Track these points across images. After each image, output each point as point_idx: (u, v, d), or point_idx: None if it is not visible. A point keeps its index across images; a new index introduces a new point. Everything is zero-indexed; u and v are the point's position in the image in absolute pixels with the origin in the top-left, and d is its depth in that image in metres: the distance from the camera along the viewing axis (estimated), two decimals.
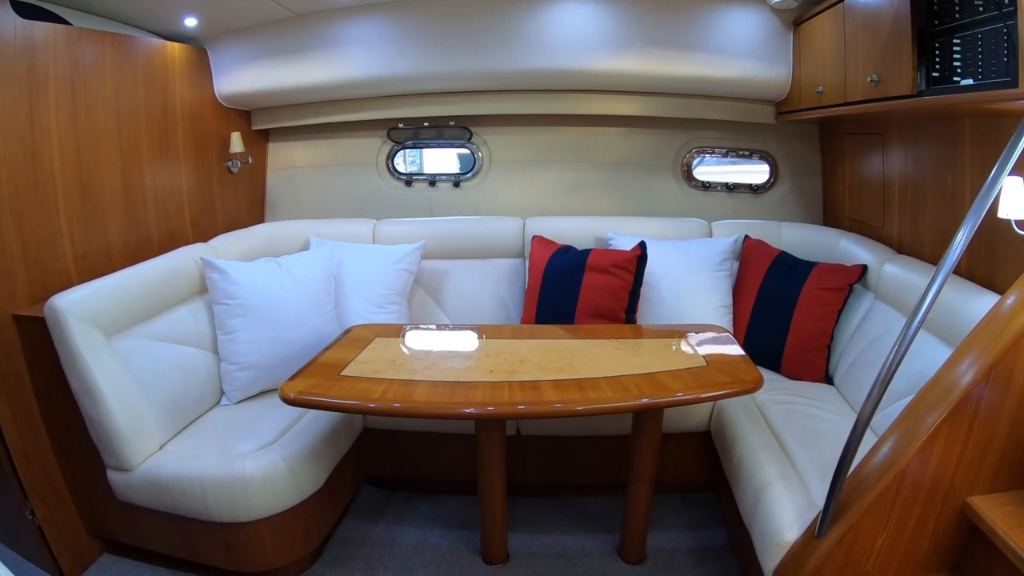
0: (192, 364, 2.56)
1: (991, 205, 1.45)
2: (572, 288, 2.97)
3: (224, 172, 3.32)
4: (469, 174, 3.69)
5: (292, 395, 2.07)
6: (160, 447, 2.34)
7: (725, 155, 3.56)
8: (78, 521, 2.48)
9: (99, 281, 2.26)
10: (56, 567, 2.39)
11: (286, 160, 3.71)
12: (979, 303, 1.95)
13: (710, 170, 3.68)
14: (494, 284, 3.38)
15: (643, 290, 2.98)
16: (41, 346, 2.14)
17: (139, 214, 2.71)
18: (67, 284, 2.20)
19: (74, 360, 2.09)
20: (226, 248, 2.93)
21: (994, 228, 2.00)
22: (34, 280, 2.22)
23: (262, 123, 3.54)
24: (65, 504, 2.43)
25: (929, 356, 2.04)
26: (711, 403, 2.69)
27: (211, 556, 2.37)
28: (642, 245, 2.92)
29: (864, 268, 2.72)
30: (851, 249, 2.88)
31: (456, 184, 3.70)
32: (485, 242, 3.42)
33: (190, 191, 3.04)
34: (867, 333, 2.58)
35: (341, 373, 2.21)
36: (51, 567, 2.39)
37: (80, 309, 2.10)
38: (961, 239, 1.44)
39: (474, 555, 2.61)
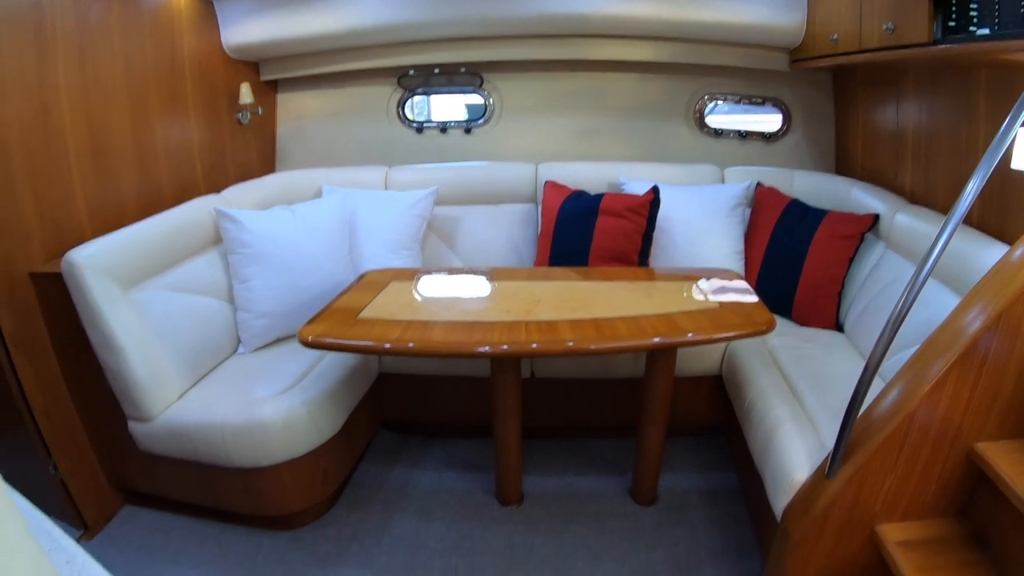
0: (209, 313, 2.58)
1: (1004, 156, 1.43)
2: (585, 232, 2.97)
3: (234, 124, 3.31)
4: (480, 120, 3.66)
5: (310, 338, 2.09)
6: (180, 396, 2.38)
7: (738, 102, 3.51)
8: (100, 474, 2.54)
9: (114, 235, 2.27)
10: (80, 520, 2.46)
11: (296, 110, 3.69)
12: (990, 253, 1.94)
13: (723, 118, 3.64)
14: (507, 229, 3.38)
15: (656, 235, 2.98)
16: (59, 302, 2.16)
17: (151, 168, 2.72)
18: (82, 240, 2.20)
19: (92, 313, 2.11)
20: (239, 198, 2.93)
21: (1007, 179, 1.99)
22: (49, 238, 2.24)
23: (271, 74, 3.51)
24: (87, 457, 2.48)
25: (938, 305, 2.04)
26: (723, 347, 2.72)
27: (232, 502, 2.43)
28: (655, 189, 2.92)
29: (876, 217, 2.70)
30: (863, 198, 2.86)
31: (467, 131, 3.68)
32: (497, 188, 3.42)
33: (201, 144, 3.04)
34: (878, 281, 2.58)
35: (358, 316, 2.23)
36: (75, 520, 2.45)
37: (96, 263, 2.11)
38: (972, 188, 1.43)
39: (489, 496, 2.67)
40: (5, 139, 2.05)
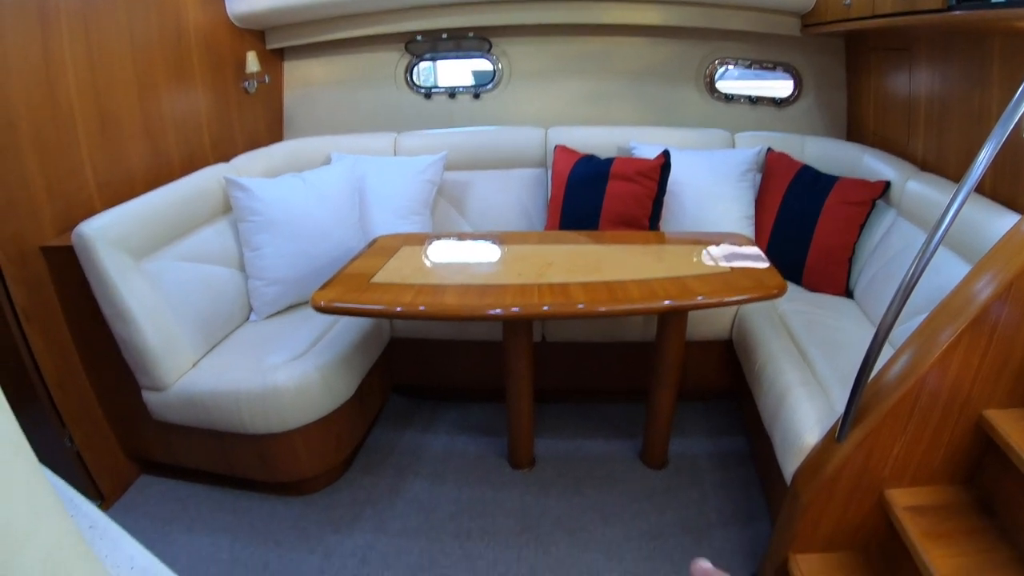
0: (220, 282, 2.59)
1: (1017, 124, 1.41)
2: (596, 196, 2.95)
3: (241, 93, 3.29)
4: (489, 85, 3.63)
5: (323, 303, 2.09)
6: (193, 365, 2.40)
7: (749, 67, 3.46)
8: (115, 444, 2.57)
9: (124, 206, 2.27)
10: (96, 491, 2.48)
11: (303, 78, 3.66)
12: (1001, 222, 1.92)
13: (733, 83, 3.60)
14: (516, 194, 3.37)
15: (666, 199, 2.96)
16: (70, 275, 2.17)
17: (159, 140, 2.71)
18: (91, 213, 2.20)
19: (104, 285, 2.12)
20: (248, 167, 2.92)
21: (1020, 148, 1.95)
22: (59, 212, 2.24)
23: (277, 42, 3.47)
24: (102, 429, 2.51)
25: (949, 272, 2.03)
26: (733, 311, 2.72)
27: (246, 469, 2.46)
28: (666, 153, 2.89)
29: (887, 184, 2.68)
30: (874, 165, 2.83)
31: (476, 96, 3.65)
32: (507, 152, 3.39)
33: (208, 114, 3.02)
34: (888, 248, 2.57)
35: (371, 281, 2.23)
36: (91, 491, 2.48)
37: (107, 234, 2.11)
38: (985, 156, 1.40)
39: (501, 459, 2.69)
40: (12, 115, 2.04)
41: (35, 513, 0.61)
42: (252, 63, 3.22)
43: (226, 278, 2.63)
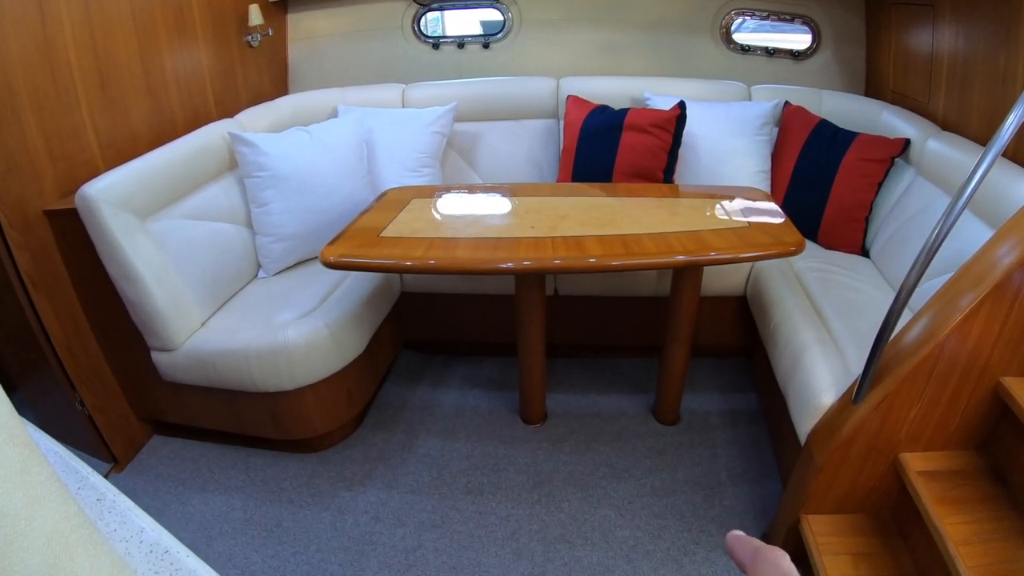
0: (227, 239, 2.56)
1: None
2: (609, 148, 2.90)
3: (244, 47, 3.21)
4: (499, 34, 3.54)
5: (332, 258, 2.05)
6: (202, 324, 2.39)
7: (766, 18, 3.36)
8: (126, 406, 2.58)
9: (127, 166, 2.23)
10: (109, 453, 2.50)
11: (307, 30, 3.57)
12: None
13: (750, 35, 3.50)
14: (528, 145, 3.31)
15: (681, 151, 2.90)
16: (75, 238, 2.14)
17: (161, 97, 2.65)
18: (95, 174, 2.16)
19: (110, 246, 2.09)
20: (253, 122, 2.87)
21: None
22: (61, 174, 2.20)
23: None
24: (112, 391, 2.51)
25: (969, 235, 1.99)
26: (748, 267, 2.68)
27: (258, 427, 2.47)
28: (681, 105, 2.82)
29: (907, 142, 2.60)
30: (893, 122, 2.75)
31: (486, 45, 3.56)
32: (518, 103, 3.32)
33: (211, 69, 2.95)
34: (906, 208, 2.51)
35: (380, 235, 2.19)
36: (103, 454, 2.50)
37: (111, 195, 2.08)
38: (1013, 120, 1.33)
39: (513, 415, 2.70)
40: (10, 77, 1.99)
41: (33, 499, 0.60)
42: (255, 16, 3.13)
43: (233, 235, 2.60)
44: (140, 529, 0.86)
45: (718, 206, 2.39)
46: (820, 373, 1.93)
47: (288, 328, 2.26)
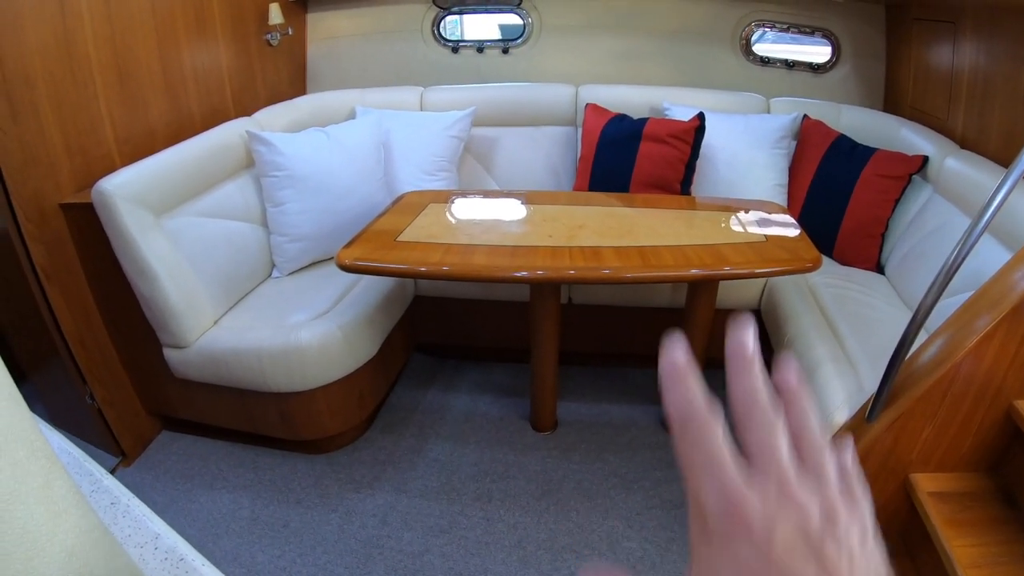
0: (242, 238, 2.57)
1: None
2: (627, 157, 2.89)
3: (263, 45, 3.21)
4: (519, 40, 3.53)
5: (348, 261, 2.06)
6: (215, 322, 2.39)
7: (786, 30, 3.34)
8: (136, 401, 2.58)
9: (144, 162, 2.24)
10: (117, 447, 2.51)
11: (327, 30, 3.57)
12: None
13: (770, 46, 3.49)
14: (545, 152, 3.30)
15: (699, 163, 2.89)
16: (90, 232, 2.15)
17: (179, 94, 2.66)
18: (111, 169, 2.17)
19: (125, 242, 2.10)
20: (271, 121, 2.88)
21: None
22: (78, 168, 2.20)
23: None
24: (123, 386, 2.51)
25: (986, 255, 1.97)
26: (763, 281, 2.67)
27: (268, 426, 2.47)
28: (700, 116, 2.81)
29: (925, 159, 2.58)
30: (912, 139, 2.74)
31: (505, 51, 3.55)
32: (536, 109, 3.32)
33: (230, 67, 2.96)
34: (923, 225, 2.49)
35: (397, 239, 2.19)
36: (112, 448, 2.51)
37: (127, 191, 2.08)
38: None
39: (523, 422, 2.69)
40: (29, 69, 2.00)
41: (54, 513, 0.59)
42: (275, 15, 3.14)
43: (248, 234, 2.60)
44: (155, 535, 0.85)
45: (735, 219, 2.38)
46: (833, 390, 1.92)
47: (301, 329, 2.26)
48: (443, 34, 3.57)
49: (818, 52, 3.38)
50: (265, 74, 3.25)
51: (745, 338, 0.33)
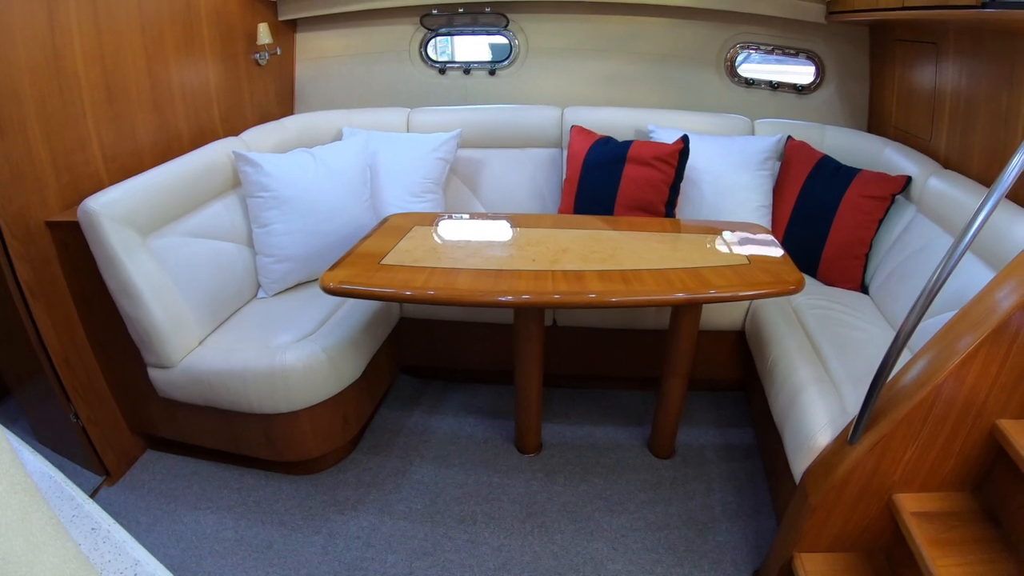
0: (228, 258, 2.56)
1: None
2: (612, 179, 2.91)
3: (252, 65, 3.23)
4: (505, 62, 3.56)
5: (332, 284, 2.06)
6: (200, 342, 2.38)
7: (771, 52, 3.39)
8: (121, 420, 2.57)
9: (131, 181, 2.23)
10: (101, 466, 2.49)
11: (315, 50, 3.60)
12: None
13: (755, 67, 3.53)
14: (531, 174, 3.32)
15: (683, 185, 2.92)
16: (76, 250, 2.15)
17: (167, 112, 2.66)
18: (98, 187, 2.17)
19: (110, 261, 2.09)
20: (258, 141, 2.88)
21: None
22: (65, 186, 2.20)
23: (289, 13, 3.41)
24: (107, 404, 2.50)
25: (969, 275, 2.01)
26: (747, 303, 2.68)
27: (252, 447, 2.46)
28: (684, 139, 2.84)
29: (908, 179, 2.62)
30: (895, 159, 2.78)
31: (492, 72, 3.58)
32: (522, 131, 3.34)
33: (218, 86, 2.97)
34: (907, 245, 2.52)
35: (381, 262, 2.19)
36: (96, 466, 2.49)
37: (113, 210, 2.08)
38: (1018, 162, 1.34)
39: (508, 444, 2.69)
40: (17, 86, 2.00)
41: (34, 545, 0.60)
42: (264, 35, 3.16)
43: (234, 254, 2.60)
44: (135, 561, 0.85)
45: (718, 241, 2.40)
46: (816, 412, 1.93)
47: (286, 351, 2.26)
48: (430, 56, 3.59)
49: (802, 71, 3.42)
50: (253, 94, 3.26)
51: None
